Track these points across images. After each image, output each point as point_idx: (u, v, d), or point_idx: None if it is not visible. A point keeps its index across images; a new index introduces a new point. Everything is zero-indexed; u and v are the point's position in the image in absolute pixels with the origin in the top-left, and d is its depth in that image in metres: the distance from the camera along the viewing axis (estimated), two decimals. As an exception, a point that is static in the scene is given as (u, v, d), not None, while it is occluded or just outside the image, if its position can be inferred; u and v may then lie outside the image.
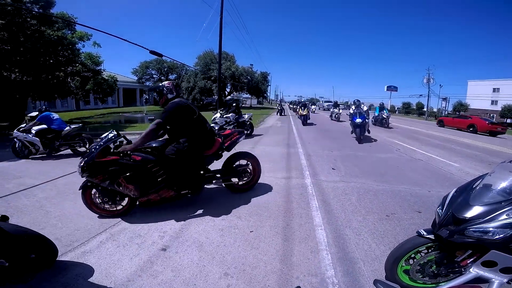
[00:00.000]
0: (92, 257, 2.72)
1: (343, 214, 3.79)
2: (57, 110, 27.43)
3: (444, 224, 1.95)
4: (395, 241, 3.04)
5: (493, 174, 2.04)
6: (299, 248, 2.92)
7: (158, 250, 2.85)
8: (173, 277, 2.42)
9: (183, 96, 28.65)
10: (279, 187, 4.84)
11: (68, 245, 2.91)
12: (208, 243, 3.00)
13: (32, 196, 4.20)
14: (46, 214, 3.66)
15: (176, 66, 44.92)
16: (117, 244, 2.96)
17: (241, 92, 47.43)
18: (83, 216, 3.58)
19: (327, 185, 5.04)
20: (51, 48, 12.64)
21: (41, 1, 12.52)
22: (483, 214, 1.80)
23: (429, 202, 4.27)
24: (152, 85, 8.07)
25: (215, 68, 31.32)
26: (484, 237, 1.74)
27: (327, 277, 2.45)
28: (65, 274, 2.45)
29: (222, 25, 17.56)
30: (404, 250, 2.20)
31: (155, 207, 3.80)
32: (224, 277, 2.43)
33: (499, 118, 42.86)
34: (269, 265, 2.62)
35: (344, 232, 3.29)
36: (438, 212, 2.10)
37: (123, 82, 39.62)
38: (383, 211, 3.94)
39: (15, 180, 5.00)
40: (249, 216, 3.69)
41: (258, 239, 3.09)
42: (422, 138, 12.02)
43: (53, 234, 3.08)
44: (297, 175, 5.64)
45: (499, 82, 47.88)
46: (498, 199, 1.83)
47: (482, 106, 47.38)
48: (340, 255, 2.81)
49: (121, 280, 2.38)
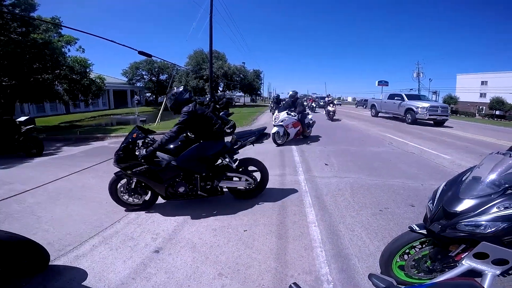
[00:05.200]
0: (85, 261, 2.70)
1: (336, 210, 3.81)
2: (46, 114, 27.09)
3: (436, 219, 1.94)
4: (389, 236, 3.05)
5: (482, 166, 2.04)
6: (293, 246, 2.92)
7: (151, 252, 2.83)
8: (167, 279, 2.41)
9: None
10: (272, 184, 4.84)
11: (61, 250, 2.88)
12: (201, 243, 2.98)
13: (23, 202, 4.13)
14: (37, 220, 3.62)
15: (167, 66, 44.55)
16: (109, 247, 2.93)
17: (234, 91, 47.32)
18: (75, 220, 3.55)
19: (321, 181, 5.05)
20: (37, 51, 12.40)
21: (22, 3, 12.26)
22: (473, 207, 1.80)
23: (422, 195, 4.30)
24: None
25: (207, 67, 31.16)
26: (476, 231, 1.74)
27: (321, 275, 2.46)
28: (58, 278, 2.44)
29: (212, 24, 17.48)
30: (398, 245, 2.20)
31: (148, 211, 3.82)
32: (218, 278, 2.42)
33: (488, 110, 43.56)
34: (264, 264, 2.62)
35: (338, 229, 3.30)
36: (429, 207, 2.09)
37: (114, 84, 39.20)
38: (376, 206, 3.96)
39: (6, 186, 4.91)
40: (243, 215, 3.68)
41: (252, 238, 3.09)
42: (414, 132, 12.11)
43: (45, 239, 3.05)
44: (291, 171, 5.64)
45: (487, 75, 48.58)
46: (488, 192, 1.83)
47: (471, 99, 48.04)
48: (334, 252, 2.82)
49: (114, 284, 2.36)
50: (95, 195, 4.32)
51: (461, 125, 17.22)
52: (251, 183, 4.03)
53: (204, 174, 3.74)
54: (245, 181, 3.99)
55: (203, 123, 3.64)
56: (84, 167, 6.16)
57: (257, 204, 4.00)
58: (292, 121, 8.78)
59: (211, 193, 3.86)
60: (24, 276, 2.37)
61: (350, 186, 4.78)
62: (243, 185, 4.00)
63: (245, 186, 4.01)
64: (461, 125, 17.18)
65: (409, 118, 15.64)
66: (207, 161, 3.74)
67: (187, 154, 3.56)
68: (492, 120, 33.61)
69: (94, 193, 4.37)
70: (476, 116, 40.26)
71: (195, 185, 3.74)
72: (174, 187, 3.67)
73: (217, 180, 3.82)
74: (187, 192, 3.72)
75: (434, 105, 15.24)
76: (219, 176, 3.83)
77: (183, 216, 3.66)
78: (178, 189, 3.66)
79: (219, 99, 11.73)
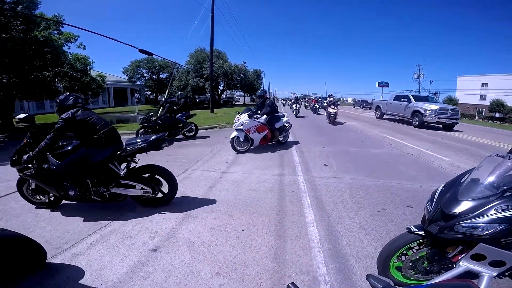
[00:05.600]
0: (82, 259, 2.70)
1: (335, 211, 3.80)
2: (46, 111, 27.05)
3: (434, 220, 1.95)
4: (387, 237, 3.05)
5: (481, 168, 2.04)
6: (291, 246, 2.92)
7: (149, 251, 2.83)
8: (164, 278, 2.40)
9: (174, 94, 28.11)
10: (271, 184, 4.85)
11: (58, 248, 2.88)
12: (199, 242, 2.98)
13: (20, 199, 4.11)
14: (35, 217, 3.62)
15: (167, 65, 44.53)
16: (107, 245, 2.93)
17: (235, 90, 47.32)
18: (73, 218, 3.56)
19: (319, 181, 5.05)
20: (37, 49, 12.38)
21: (25, 1, 12.23)
22: (472, 209, 1.81)
23: (420, 196, 4.30)
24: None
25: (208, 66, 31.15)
26: (473, 233, 1.74)
27: (319, 275, 2.46)
28: (55, 276, 2.44)
29: (213, 23, 17.48)
30: (395, 246, 2.20)
31: (146, 208, 3.82)
32: (216, 277, 2.42)
33: (488, 112, 43.60)
34: (261, 263, 2.62)
35: (336, 229, 3.30)
36: (427, 208, 2.10)
37: (114, 82, 39.17)
38: (374, 206, 3.96)
39: (3, 184, 4.91)
40: (241, 214, 3.68)
41: (250, 238, 3.09)
42: (413, 133, 12.11)
43: (42, 236, 3.06)
44: (290, 171, 5.64)
45: (488, 77, 48.74)
46: (486, 194, 1.83)
47: (471, 101, 48.12)
48: (332, 252, 2.81)
49: (112, 282, 2.36)
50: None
51: (468, 128, 16.34)
52: (149, 192, 3.72)
53: (88, 180, 3.61)
54: (140, 189, 3.71)
55: (83, 130, 3.49)
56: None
57: (255, 204, 4.00)
58: (255, 124, 7.58)
59: (106, 198, 3.72)
60: (21, 273, 2.37)
61: (349, 186, 4.78)
62: (139, 193, 3.71)
63: (141, 194, 3.72)
64: (468, 128, 16.41)
65: (416, 121, 14.63)
66: (93, 167, 3.57)
67: (67, 160, 3.48)
68: (492, 122, 33.63)
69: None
70: (476, 118, 40.28)
71: (88, 190, 3.65)
72: (64, 190, 3.59)
73: (105, 186, 3.65)
74: (79, 196, 3.63)
75: (443, 108, 14.12)
76: (108, 183, 3.67)
77: (182, 215, 3.66)
78: (68, 192, 3.58)
79: (177, 100, 10.51)
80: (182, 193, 4.37)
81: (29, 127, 16.22)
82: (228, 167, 6.06)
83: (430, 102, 15.39)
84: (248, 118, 7.61)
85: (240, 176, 5.35)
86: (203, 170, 5.80)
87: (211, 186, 4.76)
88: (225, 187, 4.73)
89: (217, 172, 5.61)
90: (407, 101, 15.95)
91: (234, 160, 6.62)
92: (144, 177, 3.83)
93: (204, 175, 5.45)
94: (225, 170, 5.81)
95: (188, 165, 6.15)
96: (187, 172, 5.63)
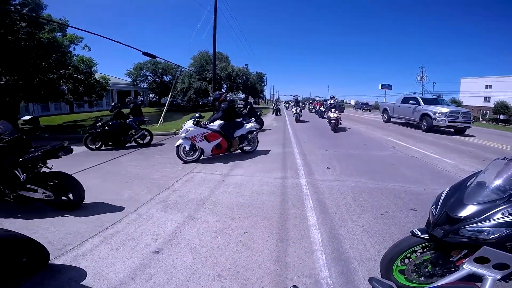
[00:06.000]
0: (84, 260, 2.69)
1: (337, 214, 3.78)
2: (51, 113, 27.25)
3: (439, 224, 1.93)
4: (390, 240, 3.03)
5: (487, 172, 2.02)
6: (293, 249, 2.90)
7: (151, 253, 2.82)
8: (166, 280, 2.40)
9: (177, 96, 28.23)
10: (274, 186, 4.84)
11: (61, 249, 2.88)
12: (201, 245, 2.97)
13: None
14: (39, 218, 3.62)
15: (171, 68, 44.79)
16: (110, 247, 2.93)
17: (237, 93, 47.41)
18: (76, 220, 3.56)
19: (322, 184, 5.03)
20: (42, 51, 12.49)
21: (30, 4, 12.36)
22: (477, 213, 1.78)
23: (424, 199, 4.27)
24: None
25: (210, 68, 31.19)
26: (479, 237, 1.72)
27: (321, 278, 2.44)
28: (58, 277, 2.44)
29: (216, 26, 17.56)
30: (399, 250, 2.18)
31: (148, 211, 3.79)
32: (218, 279, 2.41)
33: (492, 114, 43.32)
34: (263, 266, 2.60)
35: (338, 232, 3.28)
36: (432, 211, 2.07)
37: (117, 84, 39.41)
38: (378, 209, 3.93)
39: None
40: (244, 217, 3.67)
41: (252, 240, 3.07)
42: (417, 136, 12.04)
43: (45, 237, 3.06)
44: (293, 174, 5.63)
45: (491, 79, 48.44)
46: (493, 198, 1.81)
47: (475, 103, 47.83)
48: (334, 255, 2.79)
49: (114, 284, 2.35)
50: (96, 195, 4.32)
51: (478, 131, 15.39)
52: (51, 196, 3.80)
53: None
54: (42, 194, 3.78)
55: None
56: (86, 166, 6.18)
57: (258, 207, 3.99)
58: (202, 132, 6.63)
59: (18, 200, 3.82)
60: (23, 274, 2.37)
61: (352, 189, 4.75)
62: (41, 197, 3.79)
63: (43, 198, 3.82)
64: (477, 131, 15.39)
65: (424, 124, 13.78)
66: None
67: None
68: (497, 124, 33.41)
69: (95, 193, 4.37)
70: (480, 121, 40.03)
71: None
72: None
73: (11, 189, 3.74)
74: None
75: (454, 111, 13.22)
76: (14, 186, 3.75)
77: (184, 217, 3.65)
78: None
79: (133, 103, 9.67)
80: (184, 195, 4.37)
81: (34, 128, 16.34)
82: (231, 169, 6.06)
83: (440, 105, 14.46)
84: (192, 125, 6.64)
85: (243, 179, 5.34)
86: (205, 172, 5.80)
87: (213, 189, 4.76)
88: (227, 190, 4.72)
89: (219, 175, 5.61)
90: (415, 104, 15.03)
91: (236, 163, 6.62)
92: (50, 183, 3.88)
93: (207, 177, 5.44)
94: (228, 172, 5.80)
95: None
96: (190, 174, 5.63)
